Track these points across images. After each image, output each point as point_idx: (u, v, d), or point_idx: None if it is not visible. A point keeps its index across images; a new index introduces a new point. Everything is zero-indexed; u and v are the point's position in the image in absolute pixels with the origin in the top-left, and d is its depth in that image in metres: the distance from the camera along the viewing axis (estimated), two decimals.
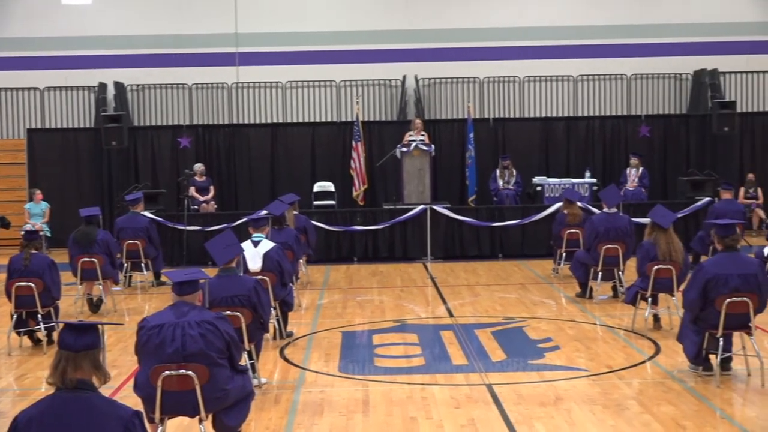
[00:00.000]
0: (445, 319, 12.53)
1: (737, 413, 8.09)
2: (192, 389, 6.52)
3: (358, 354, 10.66)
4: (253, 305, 8.49)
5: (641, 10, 22.93)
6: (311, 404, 8.48)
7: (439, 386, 9.00)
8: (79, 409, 4.56)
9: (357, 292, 14.99)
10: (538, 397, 8.51)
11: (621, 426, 7.66)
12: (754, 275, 8.70)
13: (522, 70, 22.73)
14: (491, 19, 22.80)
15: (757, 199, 21.22)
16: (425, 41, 22.70)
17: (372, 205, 20.24)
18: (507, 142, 21.53)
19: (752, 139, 22.13)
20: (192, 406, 6.59)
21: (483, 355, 10.28)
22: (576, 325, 11.80)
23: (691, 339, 8.98)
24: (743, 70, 22.95)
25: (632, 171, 20.09)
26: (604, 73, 22.82)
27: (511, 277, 16.15)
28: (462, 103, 22.41)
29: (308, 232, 15.12)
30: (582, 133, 21.78)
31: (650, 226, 11.09)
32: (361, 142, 20.13)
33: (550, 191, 19.43)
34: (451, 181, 21.27)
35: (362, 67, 22.61)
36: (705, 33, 22.94)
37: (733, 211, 14.75)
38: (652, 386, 8.86)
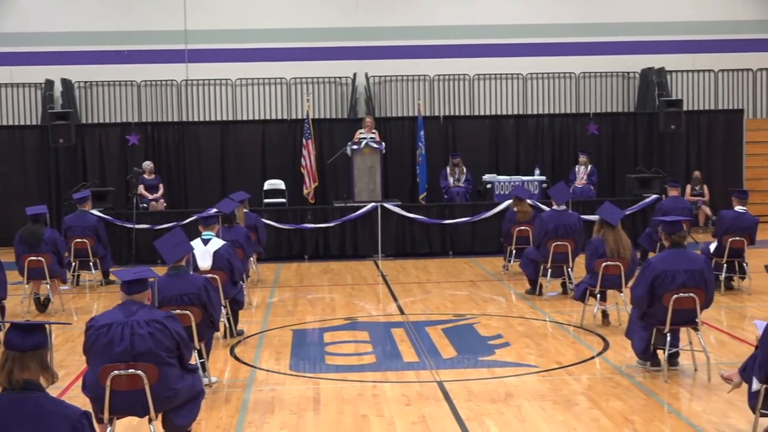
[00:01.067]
0: (396, 317, 12.54)
1: (684, 408, 8.20)
2: (141, 389, 6.46)
3: (309, 352, 10.64)
4: (203, 304, 8.44)
5: (590, 9, 23.13)
6: (262, 403, 8.45)
7: (390, 384, 9.01)
8: (26, 409, 4.51)
9: (308, 290, 14.96)
10: (488, 394, 8.55)
11: (570, 421, 7.73)
12: (700, 271, 8.81)
13: (472, 68, 22.82)
14: (441, 17, 22.87)
15: (703, 196, 21.52)
16: (376, 39, 22.70)
17: (323, 203, 20.21)
18: (457, 139, 21.61)
19: (698, 137, 22.44)
20: (141, 406, 6.54)
21: (434, 352, 10.31)
22: (526, 322, 11.88)
23: (639, 335, 9.07)
24: (689, 68, 23.26)
25: (581, 168, 20.27)
26: (554, 72, 23.00)
27: (462, 274, 16.22)
28: (412, 101, 22.46)
29: (258, 230, 15.06)
30: (531, 131, 21.93)
31: (599, 223, 11.20)
32: (312, 139, 20.08)
33: (500, 189, 19.53)
34: (402, 179, 21.31)
35: (313, 64, 22.56)
36: (652, 32, 23.21)
37: (679, 208, 14.93)
38: (601, 382, 8.95)
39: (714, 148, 22.48)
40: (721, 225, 13.61)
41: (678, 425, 7.62)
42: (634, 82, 23.22)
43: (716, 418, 7.73)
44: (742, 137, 22.74)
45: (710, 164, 22.39)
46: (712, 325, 11.24)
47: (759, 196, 22.36)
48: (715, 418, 7.71)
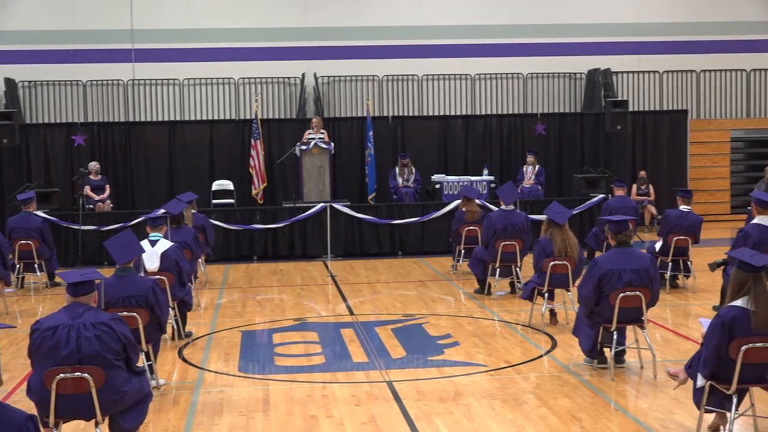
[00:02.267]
0: (345, 317, 12.54)
1: (631, 405, 8.29)
2: (87, 392, 6.40)
3: (258, 353, 10.60)
4: (151, 306, 8.38)
5: (537, 10, 23.31)
6: (211, 404, 8.40)
7: (339, 384, 9.00)
8: None
9: (257, 291, 14.90)
10: (437, 393, 8.58)
11: (519, 420, 7.78)
12: (646, 270, 8.90)
13: (420, 68, 22.88)
14: (390, 18, 22.90)
15: (648, 195, 21.77)
16: (324, 39, 22.67)
17: (271, 204, 20.13)
18: (406, 140, 21.64)
19: (644, 137, 22.70)
20: (88, 410, 6.47)
21: (383, 352, 10.32)
22: (475, 321, 11.93)
23: (586, 333, 9.16)
24: (635, 69, 23.53)
25: (529, 168, 20.40)
26: (501, 72, 23.14)
27: (411, 274, 16.25)
28: (361, 101, 22.46)
29: (207, 231, 14.98)
30: (480, 131, 22.03)
31: (546, 222, 11.27)
32: (260, 140, 20.00)
33: (449, 189, 19.60)
34: (351, 179, 21.29)
35: (261, 64, 22.48)
36: (598, 33, 23.45)
37: (626, 207, 15.08)
38: (549, 380, 9.02)
39: (659, 149, 22.76)
40: (666, 224, 13.77)
41: (625, 422, 7.70)
42: (580, 82, 23.44)
43: (662, 414, 7.83)
44: (687, 137, 23.05)
45: (655, 164, 22.66)
46: (658, 323, 11.38)
47: (703, 195, 22.71)
48: (661, 415, 7.81)
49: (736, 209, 23.11)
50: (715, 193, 23.40)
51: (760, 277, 6.70)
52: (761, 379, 6.85)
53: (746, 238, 11.14)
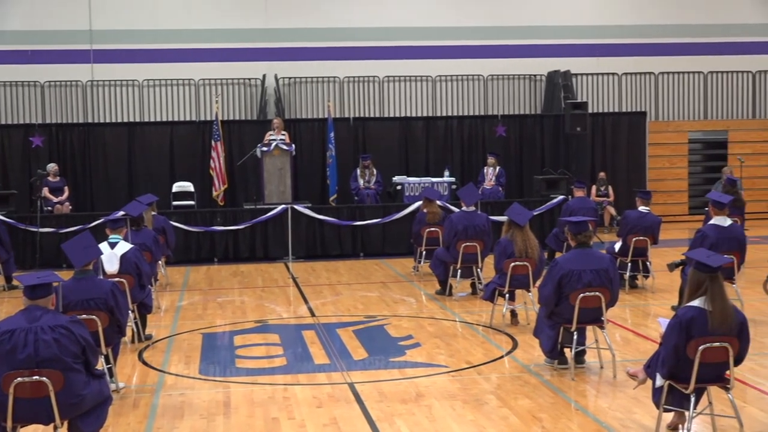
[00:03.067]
0: (306, 319, 12.51)
1: (591, 405, 8.35)
2: (46, 396, 6.33)
3: (219, 355, 10.55)
4: (110, 308, 8.31)
5: (497, 12, 23.42)
6: (171, 407, 8.35)
7: (301, 386, 8.99)
8: None
9: (218, 293, 14.83)
10: (399, 395, 8.59)
11: (480, 420, 7.80)
12: (605, 270, 8.97)
13: (381, 70, 22.90)
14: (351, 19, 22.91)
15: (608, 196, 21.93)
16: (285, 40, 22.63)
17: (232, 205, 20.05)
18: (367, 141, 21.64)
19: (603, 139, 22.87)
20: (46, 414, 6.41)
21: (345, 354, 10.31)
22: (436, 322, 11.95)
23: (547, 333, 9.21)
24: (594, 71, 23.70)
25: (489, 170, 20.49)
26: (462, 74, 23.22)
27: (372, 275, 16.25)
28: (322, 103, 22.44)
29: (167, 233, 14.89)
30: (441, 132, 22.08)
31: (507, 223, 11.32)
32: (221, 141, 19.91)
33: (410, 190, 19.64)
34: (312, 181, 21.25)
35: (221, 65, 22.39)
36: (558, 36, 23.61)
37: (585, 208, 15.18)
38: (510, 380, 9.06)
39: (618, 150, 22.94)
40: (625, 225, 13.88)
41: (585, 422, 7.76)
42: (540, 84, 23.58)
43: (621, 414, 7.89)
44: (645, 139, 23.25)
45: (615, 165, 22.84)
46: (617, 323, 11.47)
47: (661, 196, 22.92)
48: (621, 414, 7.87)
49: (693, 210, 23.37)
50: (674, 194, 23.63)
51: (716, 278, 6.77)
52: (718, 378, 6.93)
53: (703, 239, 11.28)
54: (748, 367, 9.02)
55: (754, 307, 12.32)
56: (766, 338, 10.68)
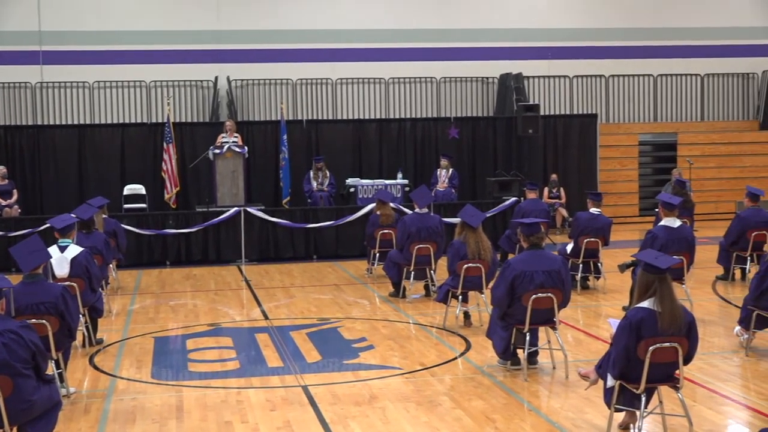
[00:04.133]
0: (260, 322, 12.47)
1: (543, 405, 8.40)
2: None
3: (172, 359, 10.48)
4: (61, 312, 8.22)
5: (450, 15, 23.52)
6: (123, 412, 8.28)
7: (254, 389, 8.95)
8: None
9: (170, 296, 14.72)
10: (353, 397, 8.59)
11: (434, 422, 7.83)
12: (557, 271, 9.03)
13: (334, 72, 22.90)
14: (303, 21, 22.88)
15: (560, 198, 22.10)
16: (237, 42, 22.54)
17: (184, 208, 19.91)
18: (320, 143, 21.60)
19: (555, 141, 23.04)
20: None
21: (298, 356, 10.29)
22: (390, 324, 11.97)
23: (500, 335, 9.25)
24: (545, 74, 23.89)
25: (442, 172, 20.55)
26: (415, 76, 23.28)
27: (326, 278, 16.23)
28: (275, 105, 22.39)
29: (118, 236, 14.75)
30: (394, 134, 22.11)
31: (460, 225, 11.35)
32: (173, 143, 19.75)
33: (363, 192, 19.65)
34: (265, 183, 21.17)
35: (173, 67, 22.24)
36: (510, 38, 23.76)
37: (537, 210, 15.27)
38: (464, 382, 9.09)
39: (570, 152, 23.12)
40: (576, 226, 14.00)
41: (537, 422, 7.81)
42: (492, 87, 23.71)
43: (573, 414, 7.96)
44: (596, 141, 23.46)
45: (566, 167, 23.01)
46: (569, 323, 11.56)
47: (612, 198, 23.15)
48: (573, 414, 7.94)
49: (644, 211, 23.63)
50: (624, 195, 23.87)
51: (665, 279, 6.85)
52: (668, 377, 7.01)
53: (654, 240, 11.42)
54: (697, 366, 9.15)
55: (703, 307, 12.49)
56: (714, 338, 10.83)
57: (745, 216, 14.16)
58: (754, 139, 24.62)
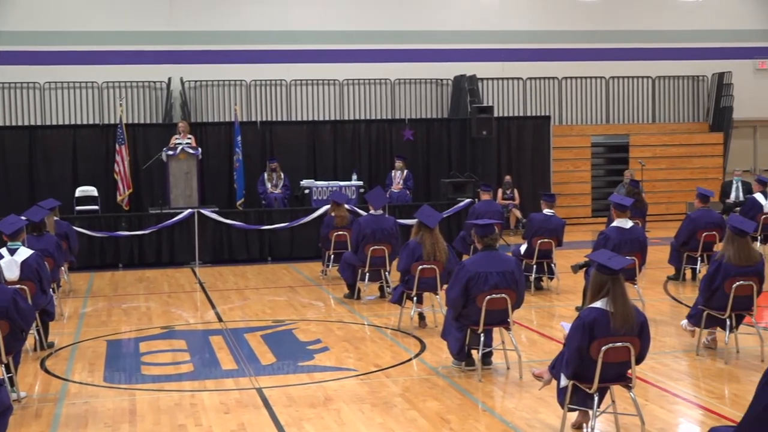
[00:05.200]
0: (214, 324, 12.40)
1: (498, 405, 8.44)
2: None
3: (125, 363, 10.39)
4: (11, 316, 8.12)
5: (404, 17, 23.56)
6: (75, 417, 8.19)
7: (208, 392, 8.90)
8: None
9: (123, 299, 14.60)
10: (308, 399, 8.57)
11: (389, 423, 7.83)
12: (511, 272, 9.08)
13: (288, 73, 22.84)
14: (257, 23, 22.79)
15: (514, 199, 22.22)
16: (190, 43, 22.40)
17: (137, 210, 19.75)
18: (275, 145, 21.54)
19: (508, 142, 23.17)
20: None
21: (253, 359, 10.25)
22: (345, 326, 11.96)
23: (454, 336, 9.29)
24: (499, 76, 24.01)
25: (397, 173, 20.59)
26: (369, 78, 23.29)
27: (280, 280, 16.19)
28: (229, 106, 22.28)
29: (70, 239, 14.60)
30: (348, 136, 22.11)
31: (417, 225, 11.32)
32: (126, 145, 19.57)
33: (318, 194, 19.62)
34: (219, 185, 21.06)
35: (126, 68, 22.05)
36: (464, 40, 23.84)
37: (492, 211, 15.35)
38: (418, 383, 9.11)
39: (523, 153, 23.27)
40: (530, 227, 14.09)
41: (492, 422, 7.84)
42: (447, 88, 23.79)
43: (528, 414, 8.00)
44: (549, 143, 23.63)
45: (520, 169, 23.15)
46: (523, 324, 11.63)
47: (566, 199, 23.34)
48: (527, 414, 7.98)
49: (597, 212, 23.84)
50: (577, 196, 24.06)
51: (618, 279, 6.90)
52: (621, 377, 7.07)
53: (606, 240, 11.52)
54: (649, 365, 9.24)
55: (655, 307, 12.62)
56: (666, 337, 10.95)
57: (695, 217, 14.34)
58: (703, 140, 24.94)
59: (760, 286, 9.68)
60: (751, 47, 25.85)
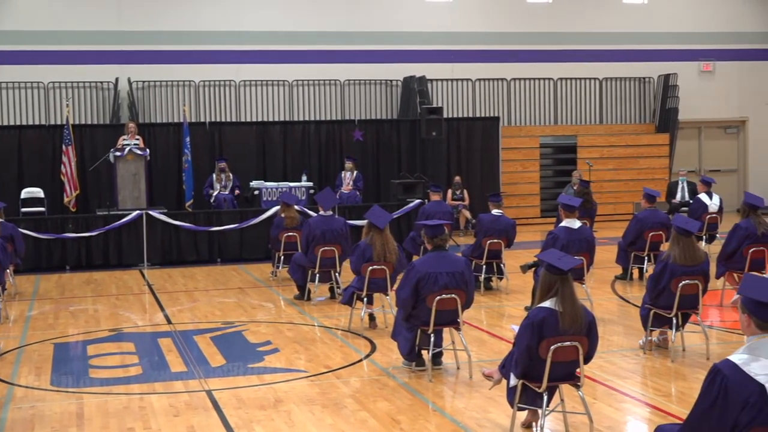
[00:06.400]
0: (163, 326, 12.31)
1: (448, 405, 8.47)
2: None
3: (72, 366, 10.28)
4: None
5: (354, 18, 23.57)
6: (21, 421, 8.08)
7: (157, 395, 8.84)
8: None
9: (70, 301, 14.44)
10: (258, 401, 8.54)
11: (339, 424, 7.83)
12: (461, 273, 9.11)
13: (238, 74, 22.74)
14: (206, 23, 22.66)
15: (463, 200, 22.32)
16: (138, 43, 22.21)
17: (85, 211, 19.53)
18: (224, 146, 21.42)
19: (458, 143, 23.26)
20: None
21: (202, 361, 10.19)
22: (295, 327, 11.94)
23: (405, 336, 9.31)
24: (448, 77, 24.10)
25: (347, 174, 20.59)
26: (319, 79, 23.26)
27: (230, 281, 16.11)
28: (177, 107, 22.12)
29: (15, 241, 14.41)
30: (298, 137, 22.05)
31: (367, 226, 11.33)
32: (72, 146, 19.36)
33: (268, 195, 19.55)
34: (168, 186, 20.91)
35: (72, 68, 21.80)
36: (413, 41, 23.91)
37: (441, 212, 15.40)
38: (369, 384, 9.12)
39: (473, 154, 23.37)
40: (480, 228, 14.15)
41: (442, 422, 7.87)
42: (396, 89, 23.83)
43: (478, 413, 8.04)
44: (498, 144, 23.77)
45: (469, 169, 23.26)
46: (473, 324, 11.68)
47: (515, 199, 23.49)
48: (477, 414, 8.02)
49: (546, 212, 24.02)
50: (526, 197, 24.23)
51: (567, 279, 6.96)
52: (569, 376, 7.14)
53: (555, 241, 11.61)
54: (597, 364, 9.34)
55: (603, 307, 12.75)
56: (614, 336, 11.07)
57: (642, 217, 14.51)
58: (650, 141, 25.25)
59: (705, 285, 9.81)
60: (696, 49, 26.23)
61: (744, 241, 12.27)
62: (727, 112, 26.75)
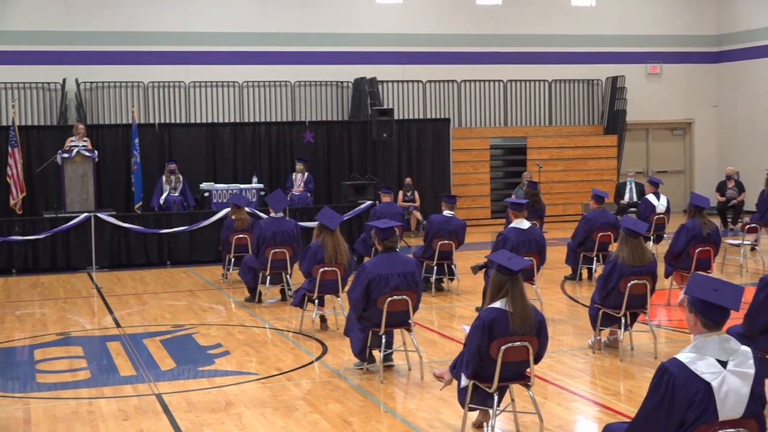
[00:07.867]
0: (111, 330, 12.19)
1: (399, 406, 8.49)
2: None
3: (18, 371, 10.14)
4: None
5: (305, 19, 23.52)
6: None
7: (106, 399, 8.75)
8: None
9: (16, 305, 14.24)
10: (208, 404, 8.49)
11: (291, 427, 7.81)
12: (411, 274, 9.13)
13: (187, 75, 22.59)
14: (156, 23, 22.47)
15: (414, 201, 22.36)
16: (86, 44, 21.96)
17: (31, 214, 19.28)
18: (174, 147, 21.25)
19: (409, 145, 23.30)
20: None
21: (152, 364, 10.11)
22: (246, 330, 11.89)
23: (357, 335, 9.31)
24: (399, 79, 24.14)
25: (298, 176, 20.54)
26: (269, 80, 23.18)
27: (180, 284, 16.00)
28: (126, 108, 21.92)
29: None
30: (248, 138, 21.95)
31: (318, 227, 11.33)
32: (18, 147, 19.09)
33: (218, 197, 19.44)
34: (117, 188, 20.69)
35: (18, 68, 21.49)
36: (364, 43, 23.91)
37: (392, 213, 15.41)
38: (320, 385, 9.11)
39: (423, 156, 23.42)
40: (430, 229, 14.19)
41: (394, 423, 7.88)
42: (347, 91, 23.82)
43: (429, 414, 8.06)
44: (449, 145, 23.84)
45: (420, 171, 23.31)
46: (424, 325, 11.71)
47: (465, 201, 23.58)
48: (428, 415, 8.04)
49: (496, 213, 24.15)
50: (477, 198, 24.34)
51: (517, 280, 7.01)
52: (520, 376, 7.18)
53: (505, 241, 11.68)
54: (548, 364, 9.40)
55: (553, 307, 12.85)
56: (564, 336, 11.16)
57: (591, 217, 14.65)
58: (598, 143, 25.49)
59: (653, 285, 9.93)
60: (643, 52, 26.54)
61: (690, 241, 12.44)
62: (674, 113, 27.10)
